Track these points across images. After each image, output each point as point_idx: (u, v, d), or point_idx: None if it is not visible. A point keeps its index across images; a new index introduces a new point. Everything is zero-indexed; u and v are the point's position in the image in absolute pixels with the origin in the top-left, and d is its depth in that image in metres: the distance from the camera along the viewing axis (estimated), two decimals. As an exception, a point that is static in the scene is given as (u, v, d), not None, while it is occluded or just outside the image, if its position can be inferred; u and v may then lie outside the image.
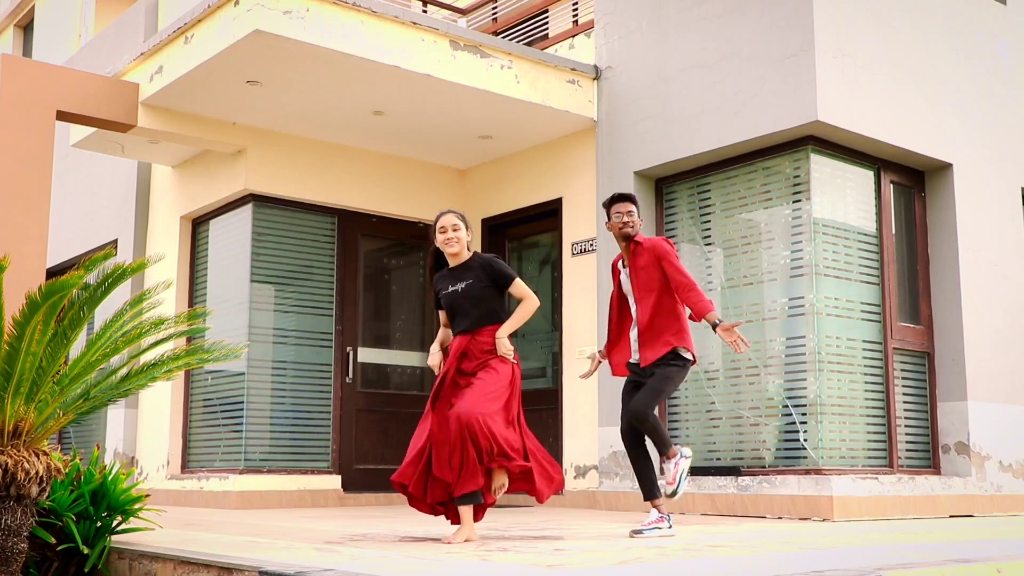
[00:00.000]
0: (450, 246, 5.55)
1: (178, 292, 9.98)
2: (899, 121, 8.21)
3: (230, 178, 9.55)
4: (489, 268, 5.56)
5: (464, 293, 5.52)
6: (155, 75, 8.62)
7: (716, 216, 8.52)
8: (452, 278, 5.60)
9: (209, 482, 9.18)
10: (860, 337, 8.08)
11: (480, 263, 5.59)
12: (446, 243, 5.55)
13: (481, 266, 5.57)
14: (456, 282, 5.57)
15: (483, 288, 5.53)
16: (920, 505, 7.78)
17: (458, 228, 5.55)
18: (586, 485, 8.90)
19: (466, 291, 5.52)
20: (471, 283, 5.53)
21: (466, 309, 5.53)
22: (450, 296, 5.57)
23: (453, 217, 5.58)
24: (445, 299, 5.61)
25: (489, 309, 5.54)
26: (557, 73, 8.98)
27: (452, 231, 5.54)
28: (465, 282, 5.54)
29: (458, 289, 5.54)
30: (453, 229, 5.54)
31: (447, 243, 5.55)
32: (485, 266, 5.57)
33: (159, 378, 5.33)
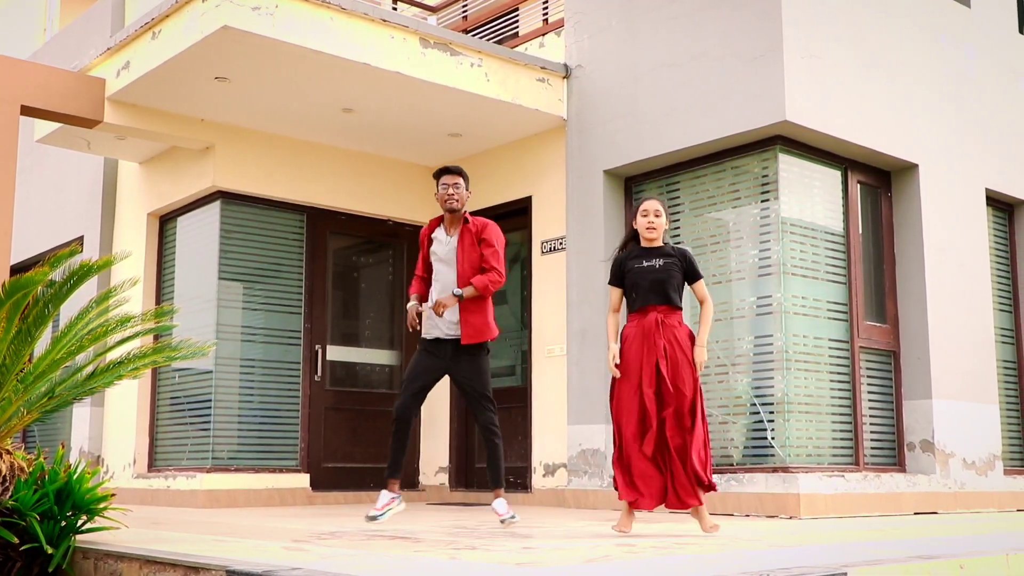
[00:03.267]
0: (651, 232, 5.71)
1: (145, 290, 9.90)
2: (866, 122, 8.27)
3: (198, 175, 9.48)
4: (685, 258, 5.73)
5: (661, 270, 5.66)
6: (122, 70, 8.54)
7: (685, 215, 8.55)
8: (646, 254, 5.73)
9: (176, 481, 9.12)
10: (827, 336, 8.14)
11: (677, 251, 5.77)
12: (648, 227, 5.71)
13: (678, 254, 5.74)
14: (651, 258, 5.69)
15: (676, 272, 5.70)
16: (885, 502, 7.85)
17: (660, 214, 5.71)
18: (555, 483, 8.91)
19: (664, 268, 5.66)
20: (669, 262, 5.68)
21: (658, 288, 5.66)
22: (642, 272, 5.67)
23: (656, 203, 5.77)
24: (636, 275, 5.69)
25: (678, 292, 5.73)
26: (527, 71, 8.98)
27: (655, 216, 5.72)
28: (663, 259, 5.68)
29: (655, 265, 5.67)
30: (655, 215, 5.72)
31: (650, 228, 5.70)
32: (681, 255, 5.74)
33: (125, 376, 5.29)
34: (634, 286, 5.72)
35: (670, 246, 5.81)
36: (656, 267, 5.67)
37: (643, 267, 5.69)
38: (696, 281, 5.80)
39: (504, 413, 9.64)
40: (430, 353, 6.13)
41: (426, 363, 6.13)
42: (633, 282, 5.72)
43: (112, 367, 5.29)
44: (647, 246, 5.78)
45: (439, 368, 6.14)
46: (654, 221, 5.72)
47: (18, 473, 4.71)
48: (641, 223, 5.76)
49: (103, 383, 5.24)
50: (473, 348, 6.15)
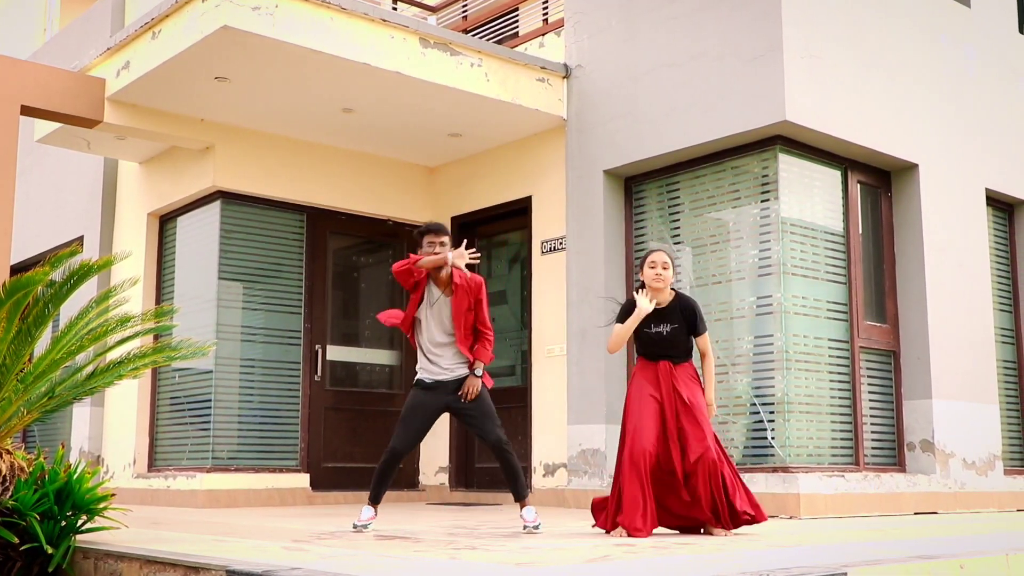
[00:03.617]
0: (657, 282, 5.70)
1: (145, 290, 9.90)
2: (866, 122, 8.27)
3: (198, 175, 9.48)
4: (692, 316, 5.75)
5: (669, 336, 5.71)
6: (122, 70, 8.55)
7: (685, 215, 8.55)
8: (653, 318, 5.73)
9: (176, 481, 9.12)
10: (827, 336, 8.14)
11: (684, 310, 5.75)
12: (656, 279, 5.69)
13: (686, 314, 5.75)
14: (659, 323, 5.72)
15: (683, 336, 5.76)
16: (885, 502, 7.85)
17: (667, 267, 5.70)
18: (555, 483, 8.91)
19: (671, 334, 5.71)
20: (677, 327, 5.72)
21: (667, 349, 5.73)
22: (650, 337, 5.73)
23: (664, 255, 5.74)
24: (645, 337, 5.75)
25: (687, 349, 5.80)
26: (527, 71, 8.98)
27: (662, 268, 5.69)
28: (670, 325, 5.72)
29: (662, 332, 5.72)
30: (663, 267, 5.70)
31: (657, 279, 5.69)
32: (688, 314, 5.75)
33: (125, 376, 5.29)
34: (642, 345, 5.80)
35: (678, 304, 5.77)
36: (664, 334, 5.73)
37: (651, 333, 5.74)
38: (700, 335, 5.82)
39: (504, 413, 9.62)
40: (429, 390, 6.04)
41: (427, 401, 6.02)
42: (643, 340, 5.79)
43: (112, 367, 5.30)
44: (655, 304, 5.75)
45: (440, 405, 6.06)
46: (662, 274, 5.69)
47: (18, 473, 4.71)
48: (648, 275, 5.72)
49: (103, 383, 5.25)
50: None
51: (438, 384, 6.04)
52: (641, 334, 5.77)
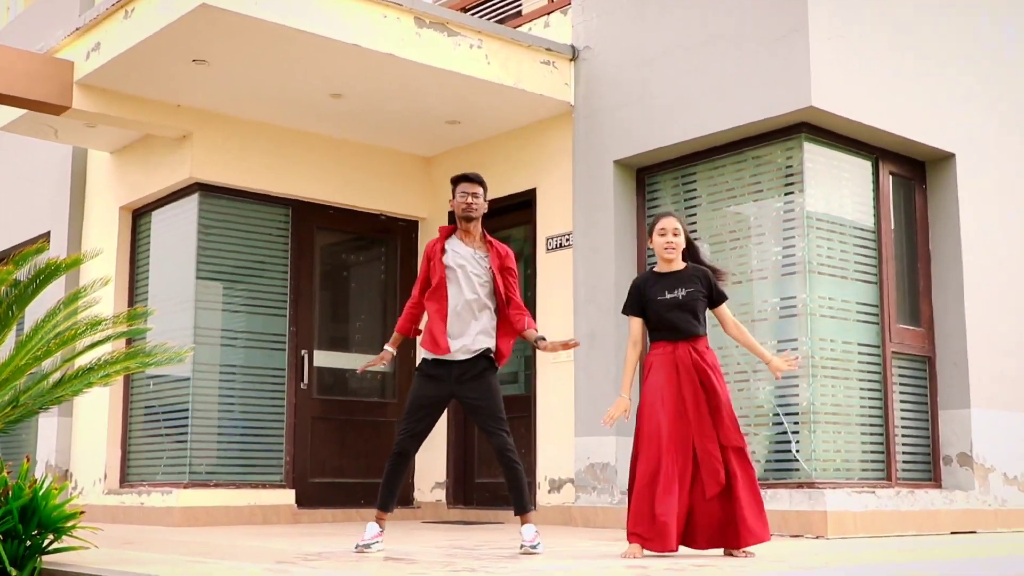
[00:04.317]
0: (669, 252, 5.73)
1: (117, 290, 9.90)
2: (898, 108, 8.27)
3: (174, 165, 9.48)
4: (708, 281, 5.80)
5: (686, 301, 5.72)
6: (92, 52, 8.55)
7: (702, 209, 8.55)
8: (667, 284, 5.75)
9: (150, 497, 9.12)
10: (856, 340, 8.14)
11: (699, 274, 5.80)
12: (667, 248, 5.72)
13: (701, 278, 5.79)
14: (675, 288, 5.73)
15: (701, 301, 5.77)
16: (920, 521, 7.85)
17: (678, 233, 5.74)
18: (561, 500, 8.91)
19: (688, 298, 5.72)
20: (693, 291, 5.73)
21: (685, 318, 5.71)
22: (665, 305, 5.72)
23: (674, 221, 5.77)
24: (660, 307, 5.74)
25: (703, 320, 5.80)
26: (531, 53, 8.98)
27: (673, 235, 5.73)
28: (686, 289, 5.73)
29: (678, 297, 5.71)
30: (674, 234, 5.73)
31: (668, 248, 5.72)
32: (704, 278, 5.79)
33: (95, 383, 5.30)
34: (658, 319, 5.76)
35: (691, 268, 5.82)
36: (679, 299, 5.71)
37: (666, 299, 5.71)
38: (722, 303, 5.86)
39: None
40: (433, 378, 6.03)
41: (431, 392, 6.02)
42: (656, 314, 5.75)
43: (81, 374, 5.30)
44: (666, 270, 5.80)
45: (445, 394, 6.06)
46: (673, 241, 5.72)
47: (-21, 489, 4.71)
48: (659, 243, 5.76)
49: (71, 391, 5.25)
50: (483, 367, 6.07)
51: (440, 365, 6.01)
52: (655, 304, 5.72)
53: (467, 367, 6.02)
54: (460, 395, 6.05)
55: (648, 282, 5.81)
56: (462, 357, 6.02)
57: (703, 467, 5.54)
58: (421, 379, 6.08)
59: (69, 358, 5.46)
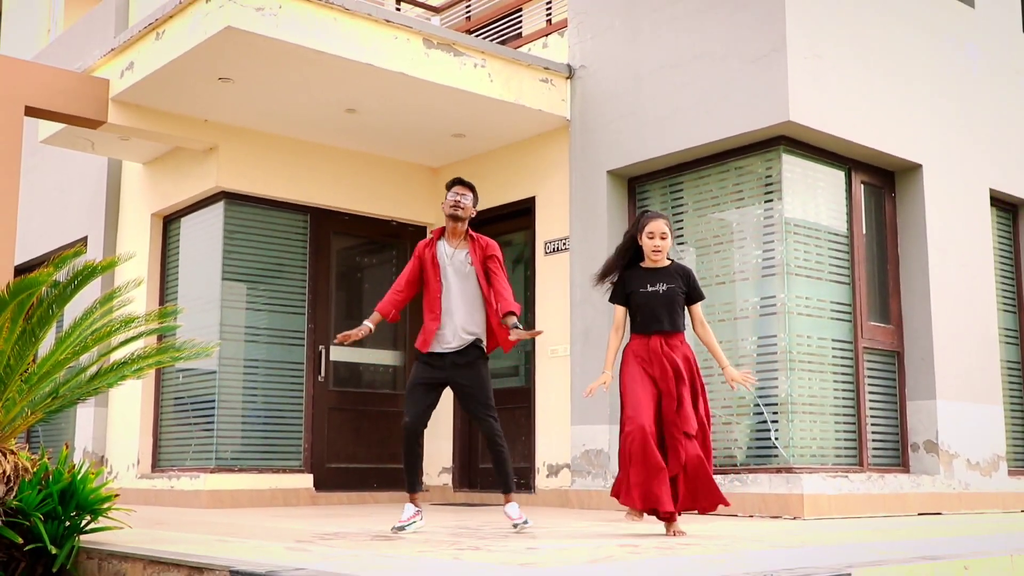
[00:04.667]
0: (657, 255, 5.75)
1: (148, 290, 9.90)
2: (870, 122, 8.26)
3: (201, 175, 9.49)
4: (688, 279, 5.80)
5: (665, 295, 5.72)
6: (126, 71, 8.55)
7: (689, 215, 8.55)
8: (650, 278, 5.76)
9: (180, 481, 9.13)
10: (831, 336, 8.13)
11: (680, 271, 5.81)
12: (655, 251, 5.73)
13: (682, 275, 5.80)
14: (656, 282, 5.74)
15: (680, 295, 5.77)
16: (889, 503, 7.84)
17: (666, 236, 5.74)
18: (558, 484, 8.91)
19: (668, 293, 5.72)
20: (673, 287, 5.73)
21: (663, 312, 5.72)
22: (647, 297, 5.72)
23: (663, 224, 5.76)
24: (641, 299, 5.74)
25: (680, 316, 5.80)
26: (530, 72, 8.98)
27: (660, 239, 5.73)
28: (666, 284, 5.73)
29: (658, 290, 5.72)
30: (661, 237, 5.73)
31: (656, 251, 5.73)
32: (684, 276, 5.80)
33: (129, 376, 5.30)
34: (638, 309, 5.76)
35: (673, 264, 5.83)
36: (660, 292, 5.71)
37: (648, 292, 5.72)
38: (698, 301, 5.86)
39: (507, 414, 9.63)
40: (430, 365, 6.09)
41: (428, 375, 6.07)
42: (637, 305, 5.76)
43: (116, 367, 5.30)
44: (651, 266, 5.80)
45: (441, 379, 6.10)
46: (660, 244, 5.72)
47: (22, 473, 4.72)
48: (647, 245, 5.75)
49: (107, 383, 5.25)
50: (475, 356, 6.11)
51: (438, 356, 6.08)
52: (636, 295, 5.73)
53: (458, 356, 6.08)
54: (453, 380, 6.10)
55: (633, 274, 5.81)
56: (455, 347, 6.08)
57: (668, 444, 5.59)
58: (418, 365, 6.16)
59: (105, 353, 5.46)
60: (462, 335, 6.09)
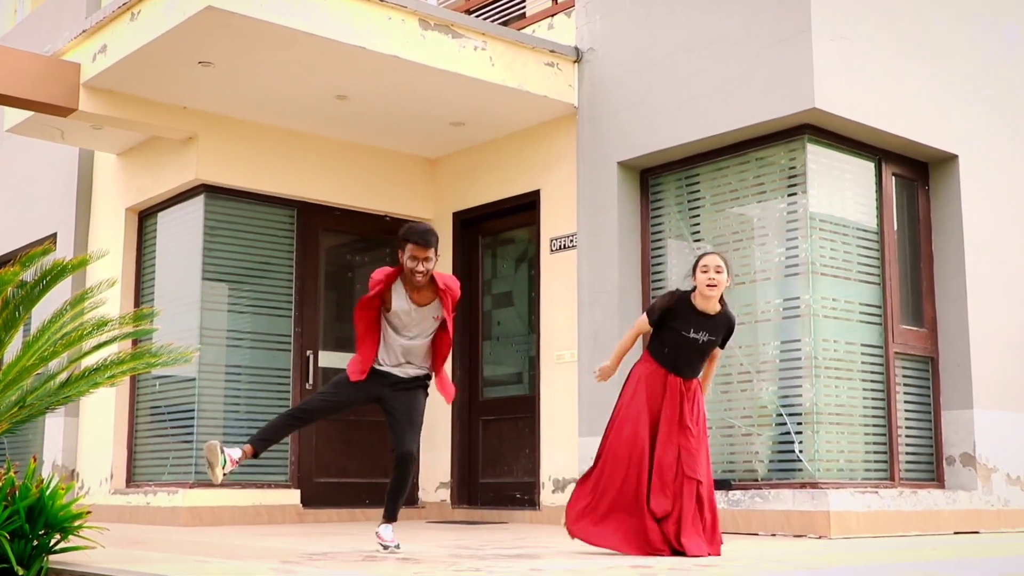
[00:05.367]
0: (711, 290, 5.74)
1: (123, 291, 9.90)
2: (901, 109, 8.26)
3: (180, 167, 9.49)
4: (727, 332, 5.87)
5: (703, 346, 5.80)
6: (98, 54, 8.56)
7: (706, 210, 8.55)
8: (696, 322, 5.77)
9: (156, 497, 9.13)
10: (859, 340, 8.13)
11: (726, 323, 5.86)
12: (709, 285, 5.72)
13: (725, 328, 5.86)
14: (700, 330, 5.77)
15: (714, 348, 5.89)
16: (923, 521, 7.84)
17: (720, 270, 5.74)
18: (565, 500, 8.88)
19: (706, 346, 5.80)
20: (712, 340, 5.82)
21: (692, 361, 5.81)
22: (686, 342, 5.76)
23: (718, 259, 5.79)
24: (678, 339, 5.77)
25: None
26: (535, 55, 8.98)
27: (715, 272, 5.73)
28: (709, 336, 5.79)
29: (699, 340, 5.77)
30: (716, 271, 5.73)
31: (711, 285, 5.72)
32: (727, 329, 5.87)
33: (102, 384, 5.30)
34: (670, 346, 5.82)
35: (723, 315, 5.85)
36: (700, 342, 5.78)
37: (688, 337, 5.77)
38: (721, 348, 5.97)
39: (510, 424, 9.64)
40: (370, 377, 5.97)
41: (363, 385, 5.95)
42: (671, 342, 5.81)
43: (88, 374, 5.31)
44: (703, 308, 5.80)
45: (368, 394, 6.01)
46: (715, 278, 5.73)
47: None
48: (701, 280, 5.75)
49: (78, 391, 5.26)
50: (418, 384, 6.06)
51: (380, 375, 5.99)
52: (674, 333, 5.76)
53: (400, 382, 6.00)
54: (386, 399, 5.97)
55: (683, 310, 5.80)
56: (401, 376, 6.01)
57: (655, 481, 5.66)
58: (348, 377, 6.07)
59: (75, 359, 5.47)
60: (406, 373, 6.04)
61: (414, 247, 5.79)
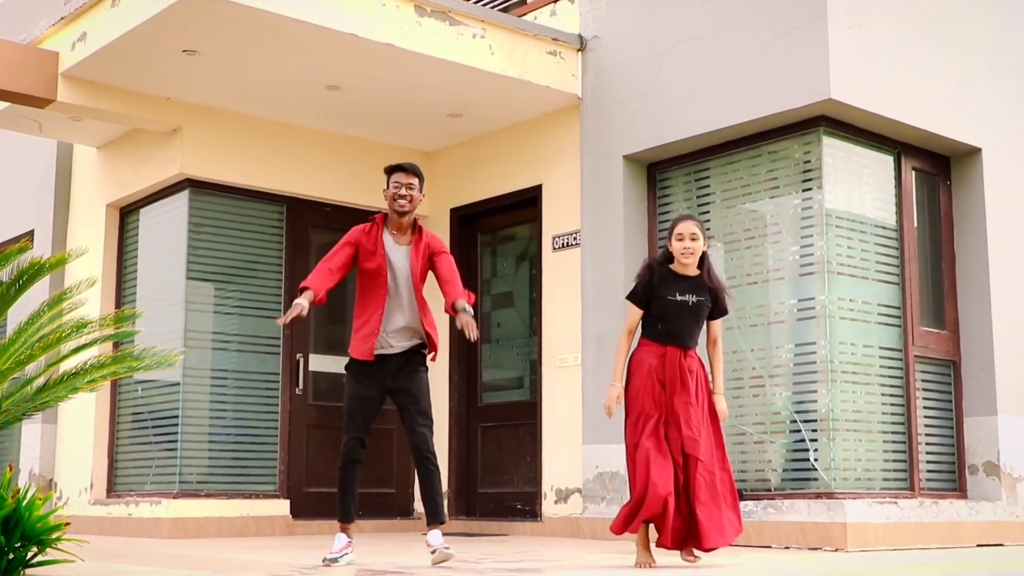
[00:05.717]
0: (687, 257, 5.83)
1: (103, 291, 9.91)
2: (922, 100, 8.26)
3: (163, 161, 9.49)
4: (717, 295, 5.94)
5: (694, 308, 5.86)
6: (77, 42, 8.56)
7: (716, 206, 8.55)
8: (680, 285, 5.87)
9: (139, 508, 9.13)
10: (877, 343, 8.13)
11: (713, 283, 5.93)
12: (684, 253, 5.82)
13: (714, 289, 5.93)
14: (687, 292, 5.86)
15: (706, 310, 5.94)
16: (944, 533, 7.83)
17: (696, 238, 5.83)
18: (568, 511, 8.90)
19: (697, 306, 5.86)
20: (703, 300, 5.88)
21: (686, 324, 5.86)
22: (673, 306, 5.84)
23: (693, 225, 5.86)
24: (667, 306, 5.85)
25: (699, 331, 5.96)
26: (536, 43, 8.98)
27: (691, 240, 5.82)
28: (697, 296, 5.86)
29: (687, 301, 5.84)
30: (691, 238, 5.82)
31: (685, 253, 5.82)
32: (715, 291, 5.93)
33: (81, 389, 5.29)
34: (661, 317, 5.89)
35: (706, 274, 5.94)
36: (689, 304, 5.86)
37: (676, 301, 5.85)
38: (720, 317, 6.04)
39: (511, 431, 9.64)
40: (366, 376, 6.12)
41: (365, 393, 6.13)
42: (661, 312, 5.89)
43: (66, 378, 5.30)
44: (682, 272, 5.91)
45: (379, 392, 6.16)
46: (690, 245, 5.84)
47: (-40, 499, 4.72)
48: (676, 247, 5.88)
49: (56, 397, 5.25)
50: (418, 362, 6.21)
51: (376, 364, 6.11)
52: (662, 302, 5.85)
53: (400, 361, 6.14)
54: (392, 389, 6.15)
55: (663, 277, 5.91)
56: (397, 351, 6.14)
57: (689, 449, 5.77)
58: (353, 381, 6.20)
59: (53, 362, 5.46)
60: (407, 339, 6.17)
61: (398, 174, 6.17)
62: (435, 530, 5.98)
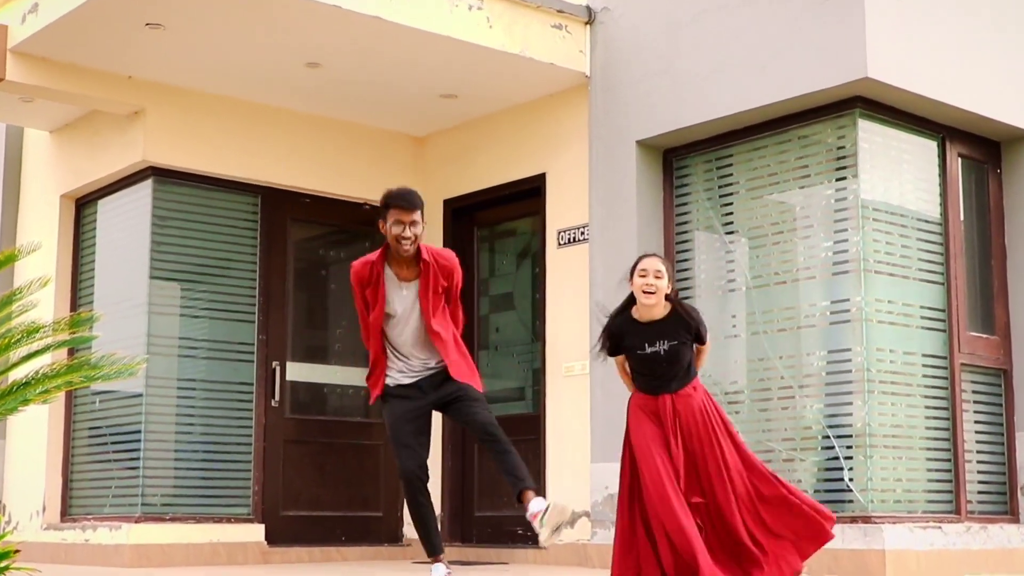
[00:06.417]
0: (648, 298, 5.89)
1: (58, 291, 9.90)
2: (969, 80, 8.25)
3: (124, 147, 9.48)
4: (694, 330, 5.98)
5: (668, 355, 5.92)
6: (28, 15, 8.54)
7: (740, 197, 8.54)
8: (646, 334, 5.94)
9: (96, 533, 9.12)
10: (919, 350, 8.12)
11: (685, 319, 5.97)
12: (645, 291, 5.88)
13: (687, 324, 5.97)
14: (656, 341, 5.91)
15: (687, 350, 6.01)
16: (994, 560, 7.83)
17: (660, 275, 5.88)
18: (575, 536, 8.89)
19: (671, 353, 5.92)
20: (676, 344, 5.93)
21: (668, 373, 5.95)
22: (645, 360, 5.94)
23: (658, 261, 5.95)
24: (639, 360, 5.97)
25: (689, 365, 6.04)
26: (540, 16, 8.97)
27: (654, 278, 5.87)
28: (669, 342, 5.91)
29: (659, 352, 5.90)
30: (655, 276, 5.88)
31: (647, 292, 5.88)
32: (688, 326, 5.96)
33: (32, 401, 5.28)
34: (638, 371, 6.03)
35: (673, 312, 6.00)
36: (661, 353, 5.93)
37: (647, 354, 5.94)
38: (704, 344, 6.14)
39: (511, 448, 9.61)
40: (405, 398, 6.17)
41: (408, 407, 6.15)
42: (635, 367, 6.03)
43: (16, 389, 5.28)
44: (646, 317, 5.98)
45: (426, 404, 6.19)
46: (653, 283, 5.91)
47: None
48: (638, 284, 5.96)
49: (5, 410, 5.23)
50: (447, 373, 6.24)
51: (416, 385, 6.16)
52: (634, 358, 5.98)
53: (435, 376, 6.19)
54: (440, 394, 6.18)
55: (627, 329, 6.02)
56: (428, 372, 6.21)
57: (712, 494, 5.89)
58: (392, 402, 6.21)
59: (2, 371, 5.45)
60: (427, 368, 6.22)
61: (398, 211, 6.06)
62: (535, 498, 6.07)
